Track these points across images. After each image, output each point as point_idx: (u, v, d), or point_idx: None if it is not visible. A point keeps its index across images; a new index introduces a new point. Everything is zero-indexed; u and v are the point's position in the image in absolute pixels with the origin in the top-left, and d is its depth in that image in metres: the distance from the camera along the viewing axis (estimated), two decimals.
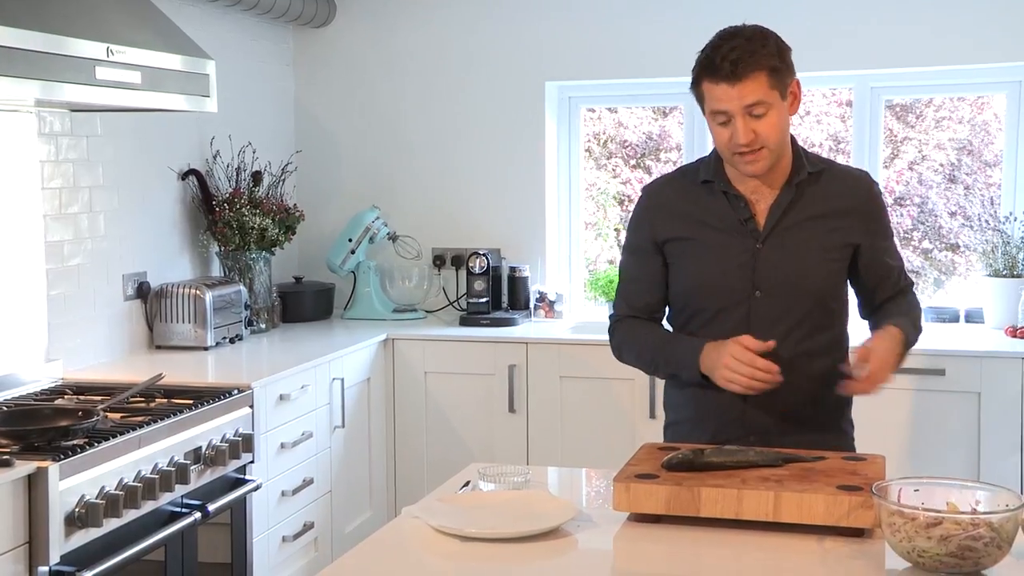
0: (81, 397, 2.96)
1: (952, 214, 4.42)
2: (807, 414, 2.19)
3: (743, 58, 2.05)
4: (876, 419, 3.80)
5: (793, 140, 2.23)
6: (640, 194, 2.35)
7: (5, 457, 2.32)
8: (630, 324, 2.31)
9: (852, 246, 2.20)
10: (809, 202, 2.18)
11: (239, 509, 3.07)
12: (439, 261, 4.55)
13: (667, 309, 2.32)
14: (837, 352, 2.22)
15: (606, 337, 4.15)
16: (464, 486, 2.13)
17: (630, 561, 1.86)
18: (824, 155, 2.98)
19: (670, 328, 2.31)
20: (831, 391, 2.16)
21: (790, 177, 2.18)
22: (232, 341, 3.81)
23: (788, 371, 2.07)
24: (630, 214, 2.37)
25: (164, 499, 2.68)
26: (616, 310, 2.36)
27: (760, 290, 2.17)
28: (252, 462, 3.10)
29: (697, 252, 2.22)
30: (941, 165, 4.42)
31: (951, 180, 4.42)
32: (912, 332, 2.21)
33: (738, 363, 2.05)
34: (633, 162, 4.77)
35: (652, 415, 3.80)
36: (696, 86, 2.12)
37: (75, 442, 2.45)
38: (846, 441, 2.28)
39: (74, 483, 2.39)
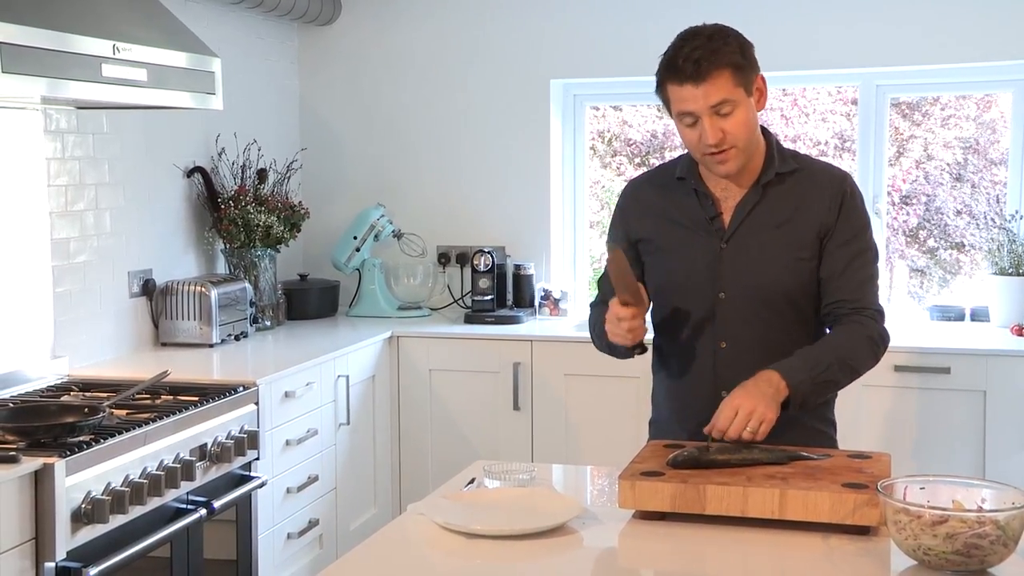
0: (87, 394, 2.97)
1: (958, 213, 4.41)
2: (782, 416, 2.12)
3: (705, 57, 2.03)
4: (881, 417, 3.79)
5: (768, 138, 2.20)
6: (622, 190, 2.37)
7: (11, 453, 2.32)
8: (598, 309, 2.35)
9: (819, 241, 2.14)
10: (775, 203, 2.15)
11: (244, 506, 3.08)
12: (444, 259, 4.55)
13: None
14: None
15: None
16: (469, 483, 2.13)
17: (635, 558, 1.87)
18: (829, 153, 2.96)
19: (651, 325, 2.31)
20: None
21: (759, 177, 2.16)
22: (237, 338, 3.82)
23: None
24: None
25: (170, 496, 2.68)
26: (593, 299, 2.42)
27: (724, 292, 2.16)
28: (257, 459, 3.10)
29: (665, 252, 2.23)
30: (947, 164, 4.42)
31: (957, 179, 4.41)
32: (808, 375, 2.04)
33: (612, 324, 2.12)
34: (637, 160, 4.77)
35: None
36: (660, 89, 2.12)
37: (81, 439, 2.46)
38: (827, 441, 2.23)
39: (80, 479, 2.40)
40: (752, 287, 2.14)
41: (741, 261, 2.15)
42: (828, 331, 2.20)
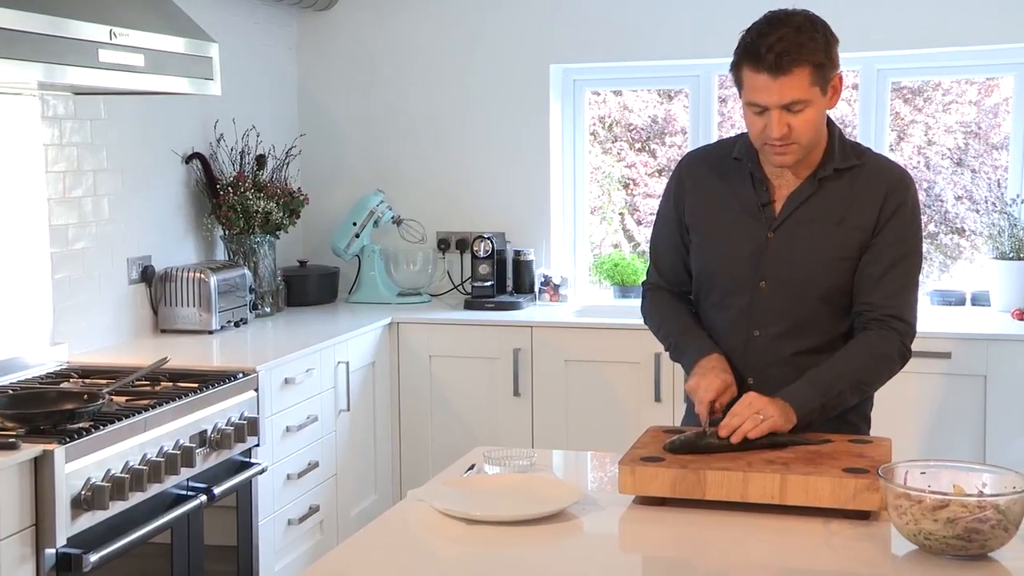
0: (86, 380, 2.96)
1: (959, 198, 4.40)
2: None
3: (789, 51, 1.98)
4: (881, 402, 3.79)
5: (832, 129, 2.15)
6: (679, 161, 2.33)
7: (11, 440, 2.32)
8: (660, 296, 2.32)
9: (866, 241, 2.11)
10: (829, 199, 2.11)
11: (245, 492, 3.08)
12: (444, 245, 4.54)
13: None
14: None
15: (610, 320, 4.16)
16: (469, 469, 2.13)
17: (635, 544, 1.86)
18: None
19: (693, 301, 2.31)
20: None
21: (816, 170, 2.12)
22: (237, 325, 3.81)
23: (792, 368, 2.09)
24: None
25: (170, 482, 2.68)
26: (649, 277, 2.36)
27: (765, 281, 2.14)
28: (257, 445, 3.10)
29: (712, 234, 2.21)
30: (949, 149, 4.40)
31: (958, 164, 4.40)
32: (819, 402, 2.05)
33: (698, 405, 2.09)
34: (638, 146, 4.75)
35: (657, 398, 3.80)
36: (736, 69, 2.06)
37: (81, 425, 2.46)
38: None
39: (80, 466, 2.40)
40: (792, 280, 2.12)
41: (785, 252, 2.12)
42: (853, 335, 2.15)
